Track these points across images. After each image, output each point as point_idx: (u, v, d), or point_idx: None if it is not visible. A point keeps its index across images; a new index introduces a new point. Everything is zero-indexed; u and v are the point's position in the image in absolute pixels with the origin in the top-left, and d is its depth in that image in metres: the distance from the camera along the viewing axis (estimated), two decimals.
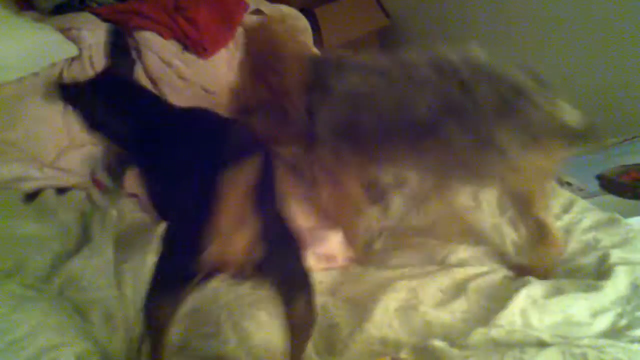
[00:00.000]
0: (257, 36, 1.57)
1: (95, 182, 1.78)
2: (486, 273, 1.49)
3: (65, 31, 2.17)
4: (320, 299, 1.29)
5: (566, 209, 1.71)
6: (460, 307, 1.38)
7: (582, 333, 1.31)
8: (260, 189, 0.91)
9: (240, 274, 1.03)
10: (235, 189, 0.89)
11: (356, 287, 1.47)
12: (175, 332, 1.24)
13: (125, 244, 1.50)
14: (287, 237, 1.12)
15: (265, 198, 1.00)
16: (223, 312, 1.32)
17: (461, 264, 1.54)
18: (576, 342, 1.24)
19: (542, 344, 1.24)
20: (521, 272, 1.49)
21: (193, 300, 1.31)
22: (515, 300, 1.35)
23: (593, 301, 1.35)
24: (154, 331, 1.10)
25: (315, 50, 1.88)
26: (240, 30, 2.33)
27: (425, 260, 1.58)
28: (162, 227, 1.44)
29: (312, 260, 1.44)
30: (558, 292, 1.39)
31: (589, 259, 1.52)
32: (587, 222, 1.65)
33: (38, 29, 2.13)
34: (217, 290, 1.38)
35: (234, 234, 0.94)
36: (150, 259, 1.39)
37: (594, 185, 2.01)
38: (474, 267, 1.51)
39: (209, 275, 1.02)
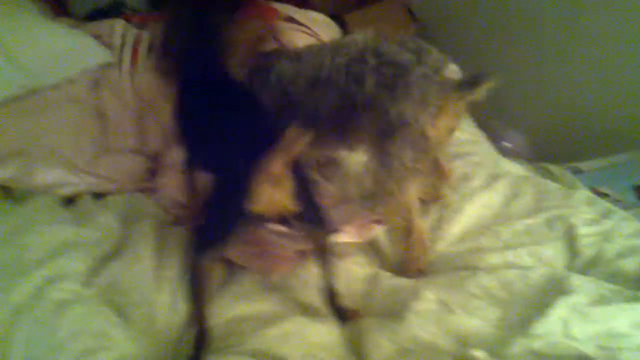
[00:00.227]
0: None
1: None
2: (519, 277, 1.44)
3: (99, 37, 2.20)
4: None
5: (605, 215, 1.67)
6: (494, 314, 1.35)
7: (623, 345, 1.27)
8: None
9: (279, 221, 1.20)
10: (281, 152, 1.06)
11: (386, 295, 1.46)
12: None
13: (163, 250, 1.52)
14: (311, 197, 1.28)
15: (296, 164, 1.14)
16: None
17: (492, 268, 1.51)
18: (618, 356, 1.22)
19: (584, 358, 1.22)
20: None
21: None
22: (555, 308, 1.30)
23: (637, 312, 1.32)
24: (198, 284, 1.22)
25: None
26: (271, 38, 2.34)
27: (453, 265, 1.57)
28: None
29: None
30: (602, 301, 1.34)
31: (630, 264, 1.48)
32: (626, 229, 1.62)
33: (73, 34, 2.17)
34: None
35: (275, 189, 1.10)
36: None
37: (631, 197, 1.99)
38: (507, 271, 1.47)
39: (253, 220, 1.15)
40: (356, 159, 1.87)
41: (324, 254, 1.36)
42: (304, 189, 1.20)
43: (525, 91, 2.94)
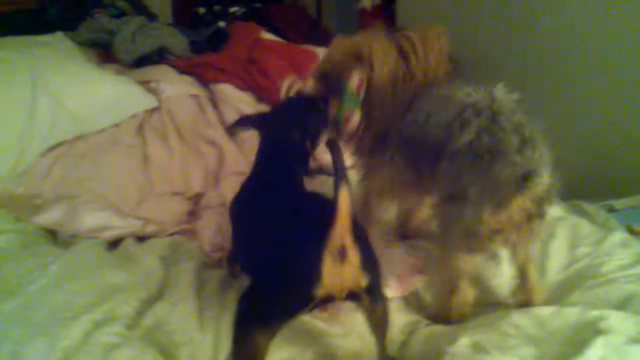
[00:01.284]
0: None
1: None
2: (555, 315, 1.42)
3: (145, 83, 2.28)
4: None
5: (639, 260, 1.67)
6: (529, 352, 1.32)
7: None
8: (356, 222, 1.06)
9: (349, 300, 1.13)
10: (337, 224, 1.01)
11: (423, 342, 1.45)
12: None
13: (204, 290, 1.56)
14: (375, 260, 1.20)
15: (358, 228, 1.10)
16: None
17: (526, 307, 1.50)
18: None
19: None
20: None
21: None
22: (592, 347, 1.28)
23: None
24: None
25: None
26: None
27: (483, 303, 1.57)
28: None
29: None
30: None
31: None
32: None
33: (119, 81, 2.25)
34: None
35: (341, 265, 1.05)
36: (228, 310, 1.45)
37: None
38: (541, 309, 1.45)
39: (318, 304, 1.10)
40: None
41: (383, 322, 1.27)
42: (370, 257, 1.14)
43: (557, 127, 2.93)
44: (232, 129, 1.67)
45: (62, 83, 2.10)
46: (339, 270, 1.05)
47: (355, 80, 1.56)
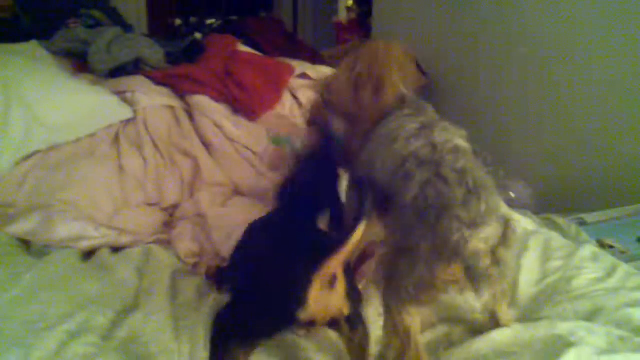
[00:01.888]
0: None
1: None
2: (525, 330, 1.44)
3: (120, 94, 2.28)
4: None
5: (609, 274, 1.71)
6: None
7: None
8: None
9: (330, 326, 1.18)
10: (339, 253, 1.06)
11: None
12: None
13: (180, 300, 1.55)
14: (358, 291, 1.26)
15: (348, 263, 1.16)
16: None
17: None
18: None
19: None
20: None
21: None
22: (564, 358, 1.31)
23: None
24: None
25: None
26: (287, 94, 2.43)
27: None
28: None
29: None
30: (610, 350, 1.35)
31: (636, 314, 1.49)
32: (632, 284, 1.65)
33: (94, 91, 2.24)
34: None
35: (328, 293, 1.09)
36: (203, 319, 1.45)
37: (636, 248, 2.02)
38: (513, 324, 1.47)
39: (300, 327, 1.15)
40: None
41: (362, 348, 1.26)
42: (354, 288, 1.19)
43: (530, 142, 3.00)
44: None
45: (37, 92, 2.08)
46: (325, 297, 1.08)
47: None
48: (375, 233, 1.50)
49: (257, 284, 1.20)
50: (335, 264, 1.06)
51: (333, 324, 1.17)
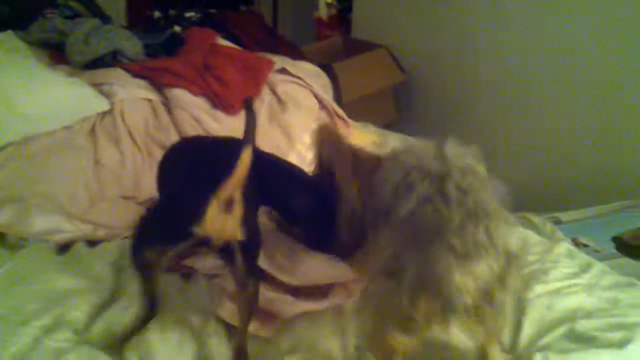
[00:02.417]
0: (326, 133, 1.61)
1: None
2: None
3: (97, 86, 2.25)
4: None
5: (584, 269, 1.73)
6: None
7: None
8: (248, 182, 1.16)
9: (225, 251, 1.23)
10: (232, 177, 1.12)
11: None
12: None
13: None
14: (257, 232, 1.34)
15: (249, 191, 1.20)
16: None
17: None
18: None
19: None
20: None
21: None
22: None
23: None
24: (145, 273, 1.32)
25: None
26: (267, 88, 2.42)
27: None
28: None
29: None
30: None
31: (612, 316, 1.51)
32: (606, 282, 1.67)
33: (71, 83, 2.21)
34: None
35: (224, 214, 1.15)
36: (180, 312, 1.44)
37: (610, 248, 2.05)
38: None
39: (197, 245, 1.21)
40: None
41: (250, 302, 1.32)
42: (251, 218, 1.26)
43: (508, 139, 3.02)
44: None
45: (12, 83, 2.04)
46: (221, 218, 1.15)
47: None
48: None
49: (167, 200, 1.38)
50: (230, 187, 1.13)
51: (227, 253, 1.23)
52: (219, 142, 1.69)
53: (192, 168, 1.40)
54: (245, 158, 1.11)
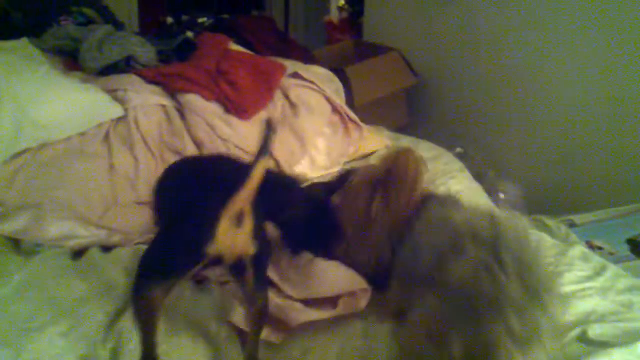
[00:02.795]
0: (402, 159, 1.52)
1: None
2: None
3: (111, 92, 2.26)
4: None
5: (599, 272, 1.72)
6: None
7: None
8: (257, 195, 1.12)
9: (236, 266, 1.20)
10: (243, 190, 1.09)
11: None
12: None
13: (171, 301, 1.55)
14: (267, 244, 1.32)
15: (257, 204, 1.17)
16: None
17: None
18: None
19: None
20: None
21: None
22: None
23: None
24: (145, 317, 1.20)
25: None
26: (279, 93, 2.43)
27: None
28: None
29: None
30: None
31: (625, 320, 1.50)
32: (620, 285, 1.66)
33: (85, 89, 2.22)
34: None
35: (235, 229, 1.13)
36: (196, 319, 1.45)
37: (624, 250, 2.04)
38: None
39: (208, 265, 1.18)
40: None
41: (260, 316, 1.30)
42: (261, 229, 1.23)
43: (521, 142, 3.01)
44: None
45: (27, 90, 2.06)
46: (233, 233, 1.12)
47: None
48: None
49: (172, 221, 1.28)
50: (240, 200, 1.10)
51: (239, 268, 1.20)
52: (214, 160, 1.68)
53: (194, 188, 1.36)
54: (260, 170, 1.09)
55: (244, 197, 1.10)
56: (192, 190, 1.36)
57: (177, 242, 1.18)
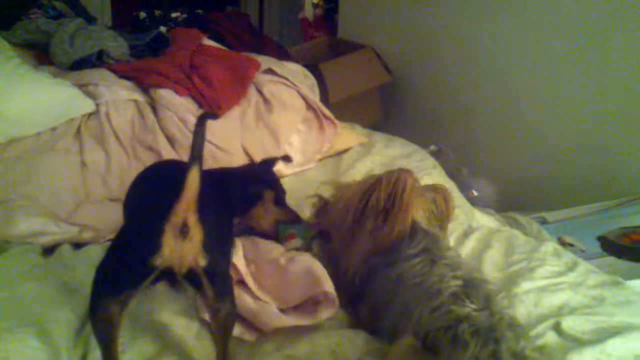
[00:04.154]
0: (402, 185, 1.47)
1: None
2: None
3: (82, 87, 2.23)
4: None
5: (570, 268, 1.74)
6: None
7: None
8: (202, 203, 1.08)
9: (188, 277, 1.15)
10: (181, 201, 1.05)
11: None
12: None
13: (144, 296, 1.53)
14: (224, 253, 1.30)
15: (209, 212, 1.16)
16: None
17: None
18: None
19: None
20: None
21: None
22: None
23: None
24: (104, 335, 1.17)
25: None
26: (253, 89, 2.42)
27: None
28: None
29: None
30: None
31: (597, 314, 1.53)
32: (591, 281, 1.68)
33: (56, 84, 2.19)
34: None
35: (182, 241, 1.08)
36: (168, 316, 1.44)
37: (595, 247, 2.07)
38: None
39: (158, 277, 1.13)
40: None
41: (225, 326, 1.25)
42: (214, 242, 1.17)
43: (494, 140, 3.04)
44: None
45: None
46: (179, 245, 1.08)
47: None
48: None
49: (122, 232, 1.25)
50: (180, 212, 1.06)
51: (194, 279, 1.15)
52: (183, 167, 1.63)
53: (145, 196, 1.35)
54: (192, 180, 1.03)
55: (182, 208, 1.06)
56: (144, 199, 1.34)
57: (124, 254, 1.16)
